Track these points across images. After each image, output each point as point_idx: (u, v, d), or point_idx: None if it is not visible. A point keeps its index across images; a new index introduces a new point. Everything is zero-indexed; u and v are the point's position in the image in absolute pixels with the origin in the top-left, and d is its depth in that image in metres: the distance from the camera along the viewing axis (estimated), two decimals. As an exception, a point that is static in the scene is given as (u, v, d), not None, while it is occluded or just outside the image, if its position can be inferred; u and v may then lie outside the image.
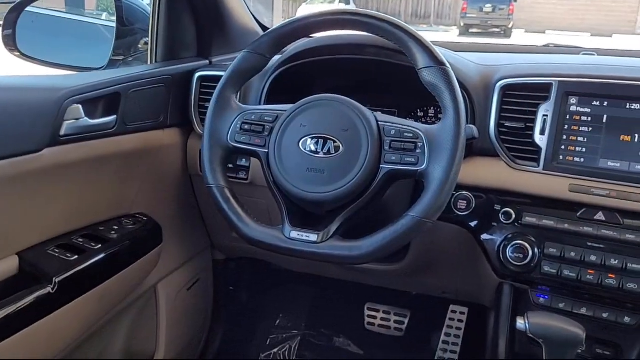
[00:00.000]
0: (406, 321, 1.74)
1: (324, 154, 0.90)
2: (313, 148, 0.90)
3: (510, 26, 12.24)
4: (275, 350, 1.76)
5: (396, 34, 0.92)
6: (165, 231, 1.29)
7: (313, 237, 0.89)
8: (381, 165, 0.89)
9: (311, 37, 1.14)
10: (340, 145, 0.90)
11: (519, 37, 11.98)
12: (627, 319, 1.03)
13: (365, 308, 1.79)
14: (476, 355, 1.48)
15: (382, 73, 1.19)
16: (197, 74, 1.28)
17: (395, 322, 1.75)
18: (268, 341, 1.78)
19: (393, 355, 1.74)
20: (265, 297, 1.88)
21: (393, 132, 0.89)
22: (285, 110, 0.95)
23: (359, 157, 0.88)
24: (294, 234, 0.90)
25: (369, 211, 0.93)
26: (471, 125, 0.95)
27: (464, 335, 1.68)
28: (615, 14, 13.29)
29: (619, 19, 13.28)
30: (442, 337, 1.68)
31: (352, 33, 1.03)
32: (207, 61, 1.38)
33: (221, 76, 1.01)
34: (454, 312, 1.72)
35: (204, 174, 0.97)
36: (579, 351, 0.87)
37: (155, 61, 1.33)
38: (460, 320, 1.70)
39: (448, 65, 0.89)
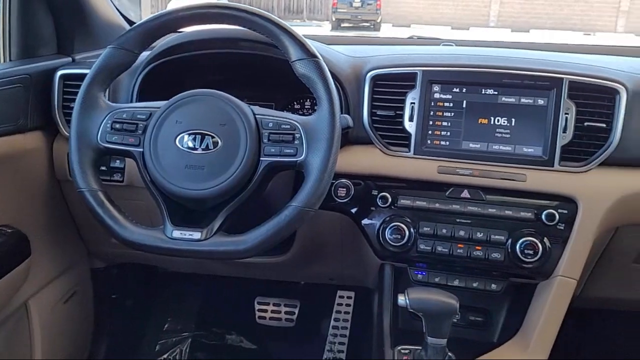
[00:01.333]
0: (296, 311, 1.77)
1: (203, 149, 0.89)
2: (191, 144, 0.89)
3: (379, 20, 12.75)
4: (165, 355, 1.71)
5: (268, 27, 0.93)
6: (34, 243, 1.20)
7: (196, 235, 0.88)
8: (261, 158, 0.89)
9: (182, 31, 1.12)
10: (219, 140, 0.89)
11: (387, 31, 12.53)
12: (493, 286, 1.13)
13: (256, 302, 1.79)
14: (365, 335, 1.55)
15: (257, 67, 1.19)
16: (59, 73, 1.20)
17: (286, 313, 1.77)
18: (157, 347, 1.73)
19: (286, 346, 1.76)
20: (151, 302, 1.81)
21: (271, 124, 0.90)
22: (158, 107, 0.92)
23: (238, 151, 0.88)
24: (177, 233, 0.88)
25: (252, 204, 0.93)
26: (346, 115, 0.98)
27: (352, 319, 1.74)
28: (470, 8, 14.36)
29: (473, 13, 14.36)
30: (332, 323, 1.73)
31: (224, 27, 1.02)
32: (70, 58, 1.30)
33: (86, 74, 0.95)
34: (341, 297, 1.78)
35: (74, 178, 0.92)
36: (455, 320, 0.93)
37: (10, 59, 1.22)
38: (348, 305, 1.77)
39: (320, 57, 0.92)
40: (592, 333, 1.70)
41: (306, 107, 1.28)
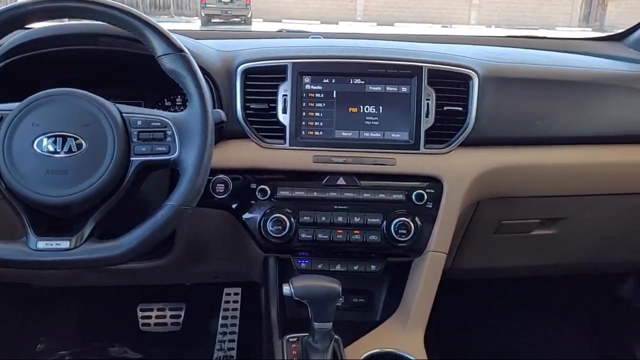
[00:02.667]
0: (182, 314, 1.73)
1: (65, 153, 0.83)
2: (51, 148, 0.83)
3: (249, 15, 12.70)
4: (42, 378, 1.59)
5: (129, 21, 0.89)
6: None
7: (65, 244, 0.82)
8: (131, 158, 0.86)
9: (32, 27, 1.03)
10: (83, 142, 0.84)
11: (258, 26, 12.53)
12: (373, 267, 1.18)
13: (138, 310, 1.72)
14: (254, 330, 1.55)
15: (122, 64, 1.13)
16: None
17: (172, 317, 1.72)
18: (31, 370, 1.60)
19: (174, 350, 1.71)
20: (21, 323, 1.67)
21: (139, 122, 0.87)
22: (10, 110, 0.84)
23: (106, 152, 0.83)
24: (42, 244, 0.82)
25: (126, 207, 0.89)
26: (218, 110, 0.97)
27: (240, 315, 1.73)
28: (337, 3, 14.81)
29: (341, 8, 14.83)
30: (220, 321, 1.71)
31: (81, 22, 0.96)
32: None
33: None
34: (228, 294, 1.76)
35: None
36: (339, 303, 0.96)
37: None
38: (235, 301, 1.75)
39: (187, 51, 0.90)
40: (464, 303, 1.84)
41: (177, 103, 1.24)
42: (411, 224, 1.11)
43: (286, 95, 1.10)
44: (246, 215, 1.14)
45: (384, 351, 1.08)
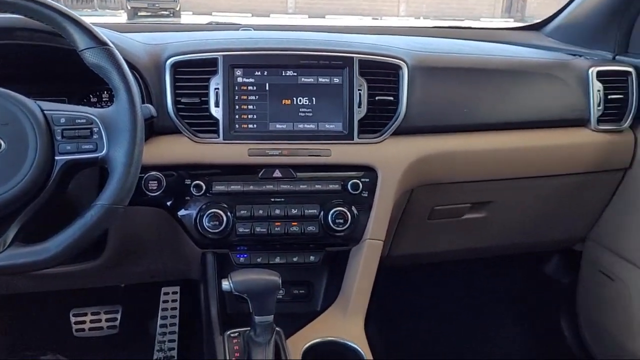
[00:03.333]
0: (119, 317, 1.67)
1: None
2: None
3: (177, 8, 12.37)
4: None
5: (47, 14, 0.84)
6: None
7: None
8: (56, 157, 0.82)
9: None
10: (2, 142, 0.79)
11: (188, 19, 12.24)
12: (312, 258, 1.19)
13: (71, 315, 1.65)
14: (194, 328, 1.53)
15: (43, 58, 1.08)
16: None
17: (107, 320, 1.66)
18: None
19: (111, 355, 1.66)
20: None
21: (63, 120, 0.83)
22: None
23: (27, 152, 0.80)
24: None
25: (53, 208, 0.85)
26: (147, 105, 0.95)
27: (180, 314, 1.70)
28: (267, -5, 14.71)
29: (272, 0, 14.73)
30: (159, 322, 1.67)
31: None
32: None
33: None
34: (166, 293, 1.72)
35: None
36: (280, 296, 0.96)
37: None
38: (174, 300, 1.72)
39: (111, 44, 0.87)
40: (402, 288, 1.89)
41: (104, 99, 1.20)
42: (348, 213, 1.12)
43: (218, 88, 1.09)
44: (181, 212, 1.11)
45: (325, 340, 1.09)
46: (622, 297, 1.48)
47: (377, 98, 1.14)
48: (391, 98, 1.15)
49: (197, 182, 1.10)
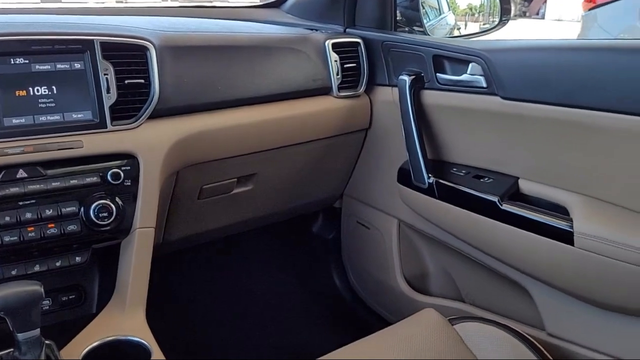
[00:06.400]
0: None
1: None
2: None
3: None
4: None
5: None
6: None
7: None
8: None
9: None
10: None
11: None
12: (78, 259, 1.10)
13: None
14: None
15: None
16: None
17: None
18: None
19: None
20: None
21: None
22: None
23: None
24: None
25: None
26: None
27: None
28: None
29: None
30: None
31: None
32: None
33: None
34: None
35: None
36: (47, 307, 0.88)
37: None
38: None
39: None
40: (181, 273, 1.88)
41: None
42: (112, 205, 1.07)
43: None
44: None
45: (106, 341, 1.03)
46: (378, 241, 1.70)
47: (126, 82, 1.09)
48: (142, 81, 1.11)
49: None
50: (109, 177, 1.07)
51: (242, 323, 1.89)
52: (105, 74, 1.06)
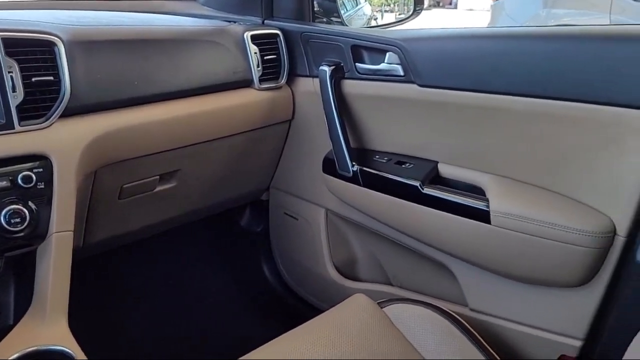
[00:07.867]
0: None
1: None
2: None
3: None
4: None
5: None
6: None
7: None
8: None
9: None
10: None
11: None
12: (-10, 269, 1.04)
13: None
14: None
15: None
16: None
17: None
18: None
19: None
20: None
21: None
22: None
23: None
24: None
25: None
26: None
27: None
28: None
29: None
30: None
31: None
32: None
33: None
34: None
35: None
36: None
37: None
38: None
39: None
40: (106, 276, 1.81)
41: None
42: (24, 210, 1.01)
43: None
44: None
45: (26, 352, 0.98)
46: (306, 231, 1.72)
47: (34, 80, 1.03)
48: (51, 78, 1.05)
49: None
50: (19, 181, 1.02)
51: (172, 321, 1.85)
52: (9, 72, 1.00)
